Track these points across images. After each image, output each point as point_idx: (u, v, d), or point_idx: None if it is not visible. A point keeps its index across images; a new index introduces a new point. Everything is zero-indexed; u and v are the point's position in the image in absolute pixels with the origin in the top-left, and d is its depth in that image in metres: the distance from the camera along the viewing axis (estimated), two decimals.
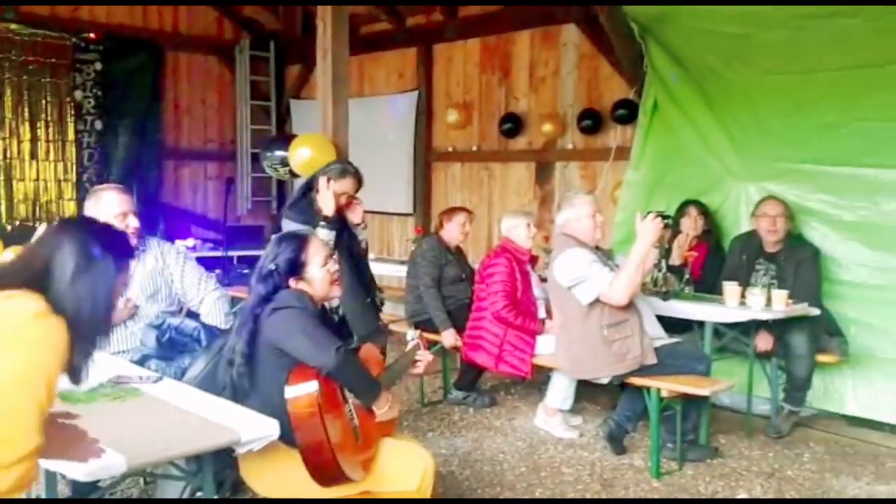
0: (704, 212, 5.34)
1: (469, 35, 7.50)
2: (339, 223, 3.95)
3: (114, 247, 1.86)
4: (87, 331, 1.77)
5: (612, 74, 6.40)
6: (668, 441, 4.27)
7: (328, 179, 3.94)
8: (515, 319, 4.71)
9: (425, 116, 7.92)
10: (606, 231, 4.74)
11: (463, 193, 7.70)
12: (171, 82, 8.92)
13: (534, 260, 5.12)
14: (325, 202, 3.90)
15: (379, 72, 8.41)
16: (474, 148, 7.58)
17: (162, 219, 8.28)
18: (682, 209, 5.37)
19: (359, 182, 4.05)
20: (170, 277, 3.71)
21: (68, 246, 1.79)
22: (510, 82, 7.28)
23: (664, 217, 4.00)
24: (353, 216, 4.07)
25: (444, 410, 5.22)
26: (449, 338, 5.06)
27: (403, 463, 2.78)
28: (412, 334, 3.17)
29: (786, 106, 5.17)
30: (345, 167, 4.06)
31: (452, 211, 5.50)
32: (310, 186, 4.09)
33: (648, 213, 4.01)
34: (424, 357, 3.10)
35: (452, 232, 5.35)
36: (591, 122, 6.54)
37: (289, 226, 3.87)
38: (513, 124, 7.11)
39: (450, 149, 7.81)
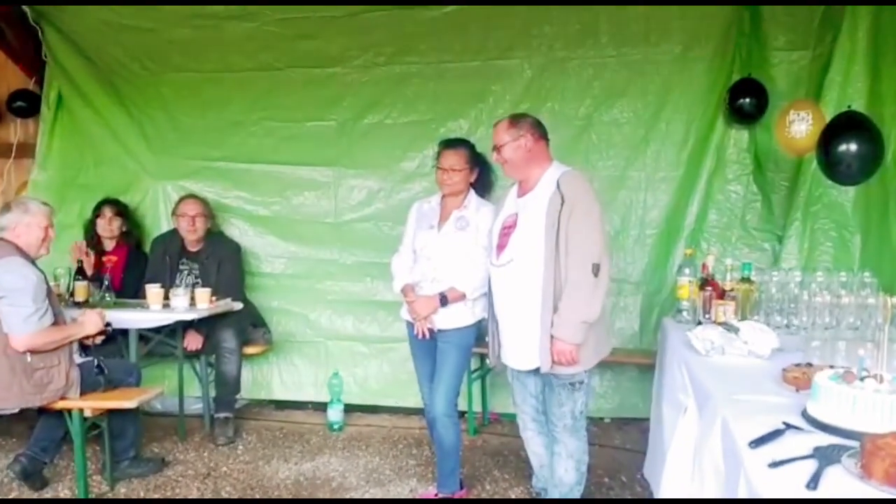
0: (121, 212, 5.05)
1: None
2: None
3: None
4: None
5: (6, 61, 5.61)
6: (103, 461, 3.89)
7: None
8: None
9: None
10: None
11: None
12: None
13: None
14: None
15: None
16: None
17: None
18: (97, 209, 5.02)
19: None
20: None
21: None
22: None
23: (108, 326, 3.81)
24: None
25: None
26: None
27: None
28: None
29: (197, 104, 5.20)
30: None
31: None
32: None
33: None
34: None
35: None
36: None
37: None
38: None
39: None
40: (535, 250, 3.02)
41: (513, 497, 3.80)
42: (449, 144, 3.60)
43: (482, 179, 3.63)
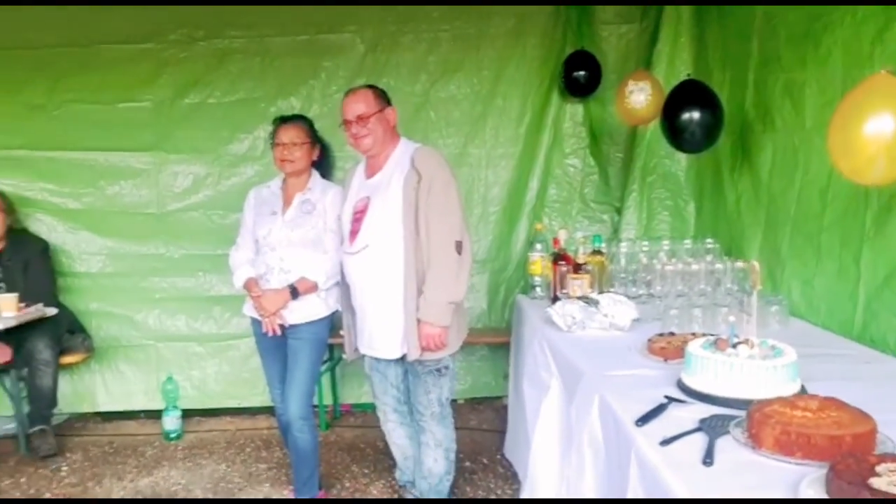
0: None
1: None
2: None
3: None
4: None
5: None
6: None
7: None
8: None
9: None
10: None
11: None
12: None
13: None
14: None
15: None
16: None
17: None
18: None
19: None
20: None
21: None
22: None
23: None
24: None
25: None
26: None
27: None
28: None
29: None
30: None
31: None
32: None
33: None
34: None
35: None
36: None
37: None
38: None
39: None
40: (393, 233, 2.86)
41: (375, 493, 3.63)
42: (285, 119, 3.34)
43: (324, 159, 3.41)
